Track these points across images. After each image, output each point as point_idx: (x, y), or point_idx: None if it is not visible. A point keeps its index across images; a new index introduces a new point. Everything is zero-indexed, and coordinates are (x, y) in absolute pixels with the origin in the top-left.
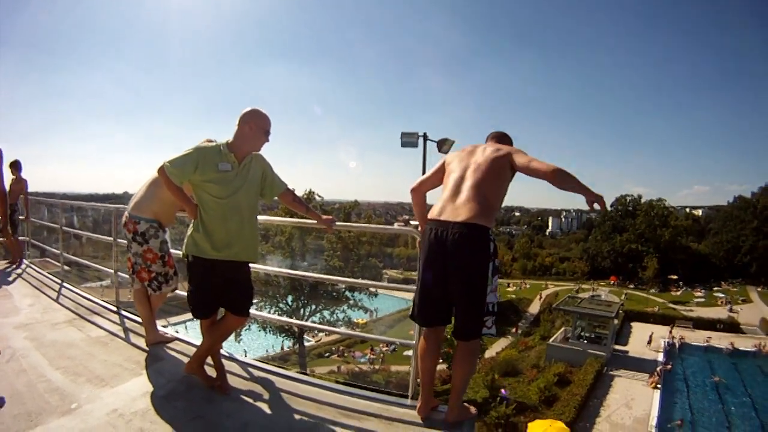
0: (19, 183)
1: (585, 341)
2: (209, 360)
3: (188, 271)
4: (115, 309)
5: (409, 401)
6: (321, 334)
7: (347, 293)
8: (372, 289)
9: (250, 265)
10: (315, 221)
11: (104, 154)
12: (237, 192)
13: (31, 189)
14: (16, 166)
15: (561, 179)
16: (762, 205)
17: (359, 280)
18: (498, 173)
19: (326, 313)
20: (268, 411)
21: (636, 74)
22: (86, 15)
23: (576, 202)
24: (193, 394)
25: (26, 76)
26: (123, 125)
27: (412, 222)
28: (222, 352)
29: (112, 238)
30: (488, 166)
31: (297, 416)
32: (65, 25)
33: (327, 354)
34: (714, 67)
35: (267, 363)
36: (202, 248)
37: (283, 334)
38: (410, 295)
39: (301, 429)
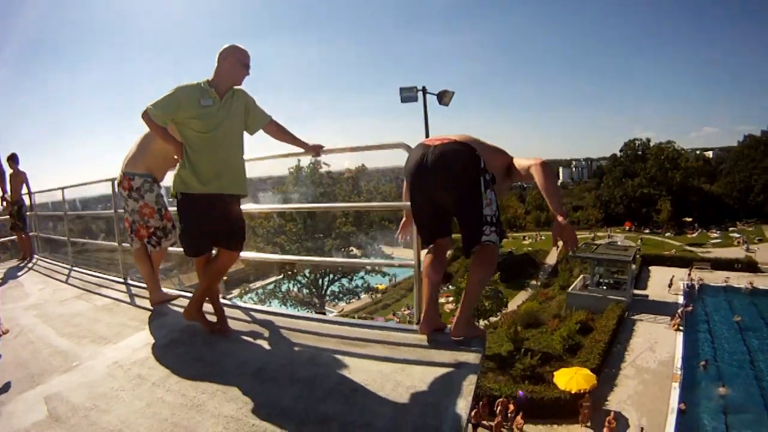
0: (18, 176)
1: (604, 287)
2: (210, 308)
3: (178, 210)
4: (122, 280)
5: (415, 326)
6: (342, 303)
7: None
8: (389, 252)
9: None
10: (304, 149)
11: (114, 153)
12: (220, 126)
13: (47, 198)
14: (13, 159)
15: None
16: None
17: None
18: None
19: (345, 281)
20: (267, 347)
21: (641, 16)
22: (86, 15)
23: (585, 151)
24: (194, 341)
25: (30, 80)
26: (129, 122)
27: None
28: (224, 301)
29: (113, 212)
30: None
31: (296, 348)
32: (67, 25)
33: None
34: (720, 3)
35: (269, 307)
36: (189, 184)
37: (305, 307)
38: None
39: (300, 360)
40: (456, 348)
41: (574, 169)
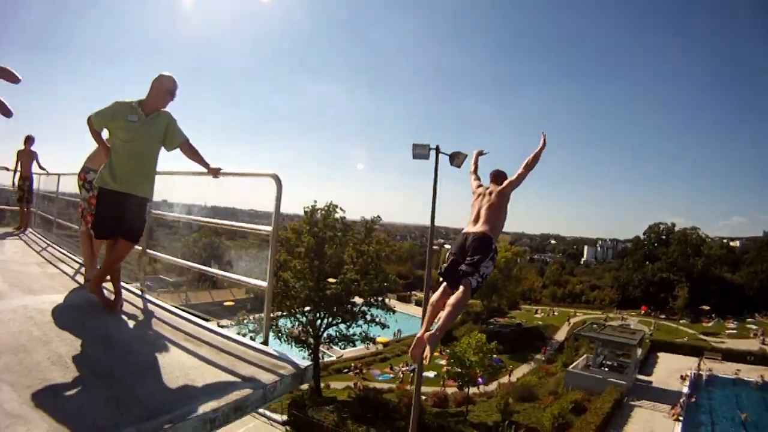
0: (30, 154)
1: (606, 369)
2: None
3: (96, 201)
4: (81, 262)
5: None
6: (337, 348)
7: (364, 308)
8: (389, 303)
9: None
10: (206, 169)
11: None
12: (139, 139)
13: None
14: (29, 140)
15: (527, 169)
16: None
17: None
18: (499, 206)
19: (342, 326)
20: (131, 327)
21: (674, 102)
22: (119, 22)
23: (612, 232)
24: (88, 308)
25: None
26: None
27: (446, 245)
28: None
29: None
30: (492, 204)
31: (150, 332)
32: (102, 30)
33: (345, 370)
34: (755, 93)
35: (173, 306)
36: (106, 181)
37: (299, 346)
38: None
39: (144, 341)
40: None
41: (599, 248)
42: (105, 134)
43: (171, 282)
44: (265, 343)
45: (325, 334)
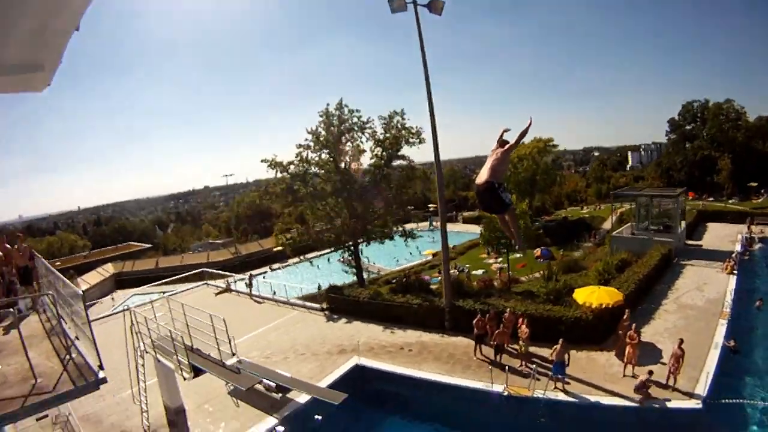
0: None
1: (652, 231)
2: None
3: None
4: None
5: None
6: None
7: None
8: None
9: None
10: None
11: (172, 157)
12: None
13: (112, 200)
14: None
15: (519, 139)
16: None
17: None
18: (501, 161)
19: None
20: None
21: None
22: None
23: (653, 136)
24: None
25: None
26: (186, 127)
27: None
28: None
29: None
30: (497, 159)
31: None
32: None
33: (394, 280)
34: None
35: None
36: None
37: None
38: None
39: None
40: None
41: (642, 152)
42: None
43: (220, 243)
44: None
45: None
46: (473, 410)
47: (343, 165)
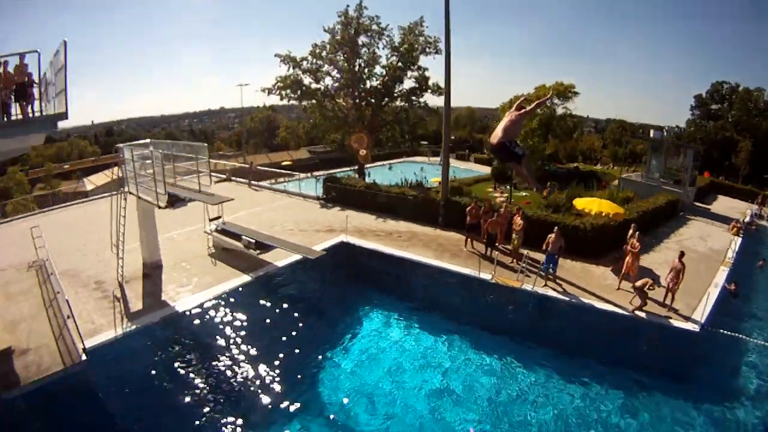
0: None
1: (662, 181)
2: None
3: None
4: None
5: None
6: None
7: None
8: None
9: None
10: None
11: (192, 76)
12: None
13: (131, 115)
14: None
15: (535, 107)
16: None
17: None
18: (515, 122)
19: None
20: None
21: None
22: None
23: (673, 119)
24: None
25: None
26: (206, 46)
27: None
28: None
29: None
30: (511, 119)
31: None
32: None
33: None
34: None
35: None
36: None
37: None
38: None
39: None
40: None
41: (665, 133)
42: None
43: (230, 155)
44: None
45: None
46: (456, 293)
47: (356, 67)
